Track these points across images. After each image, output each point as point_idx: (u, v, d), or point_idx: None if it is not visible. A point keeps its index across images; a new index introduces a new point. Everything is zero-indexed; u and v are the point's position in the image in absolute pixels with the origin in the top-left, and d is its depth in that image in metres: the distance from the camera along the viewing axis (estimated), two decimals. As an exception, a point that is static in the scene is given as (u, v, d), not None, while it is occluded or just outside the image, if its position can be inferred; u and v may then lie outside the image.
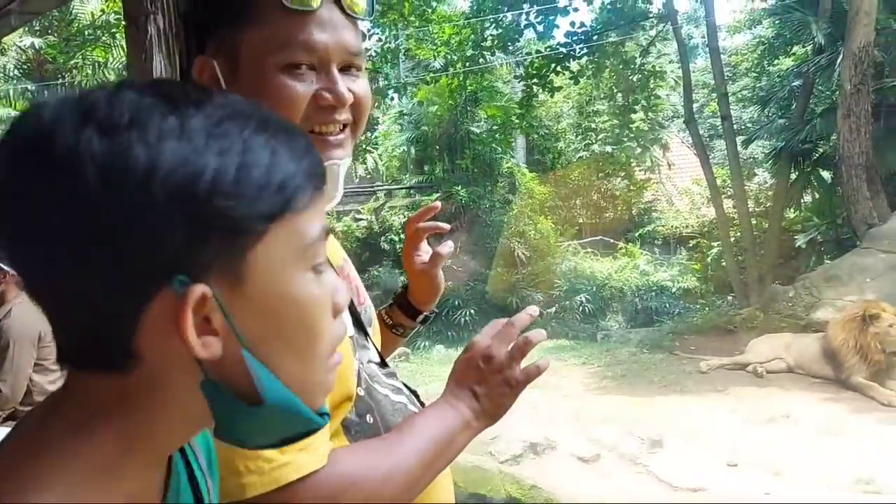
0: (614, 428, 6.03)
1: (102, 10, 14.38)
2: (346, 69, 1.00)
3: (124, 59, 14.61)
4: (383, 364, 1.18)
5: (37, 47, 14.73)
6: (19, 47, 14.57)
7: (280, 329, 0.56)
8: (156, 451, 0.59)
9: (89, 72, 14.91)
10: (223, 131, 0.52)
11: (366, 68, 1.08)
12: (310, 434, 0.62)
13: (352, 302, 1.13)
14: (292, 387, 0.57)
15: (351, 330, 1.08)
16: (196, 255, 0.51)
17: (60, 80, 15.65)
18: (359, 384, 1.05)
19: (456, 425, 1.01)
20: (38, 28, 14.50)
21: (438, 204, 1.44)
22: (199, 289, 0.51)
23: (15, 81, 14.92)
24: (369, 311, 1.24)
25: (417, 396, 1.23)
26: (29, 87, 15.29)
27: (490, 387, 1.03)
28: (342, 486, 0.90)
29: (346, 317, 1.07)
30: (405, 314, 1.42)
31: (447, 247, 1.33)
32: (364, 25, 1.01)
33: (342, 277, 1.11)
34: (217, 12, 0.98)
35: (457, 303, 14.38)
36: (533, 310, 1.10)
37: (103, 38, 14.73)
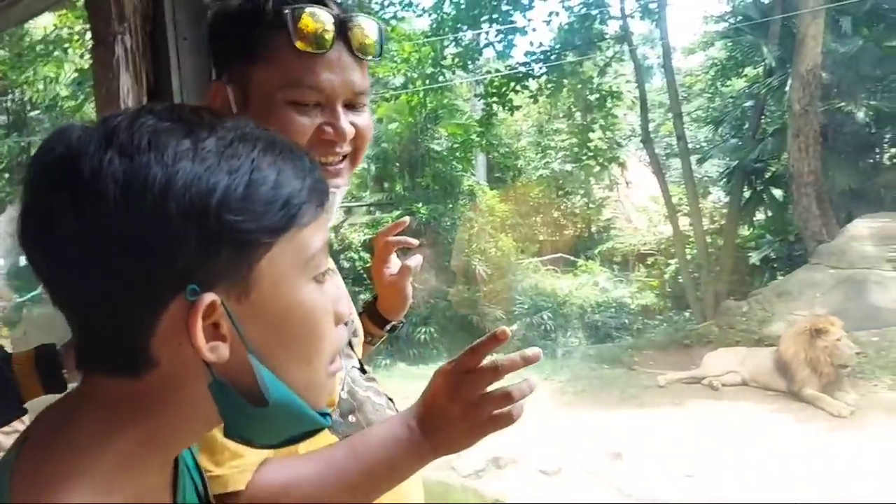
0: (576, 441, 6.08)
1: (55, 26, 14.11)
2: (350, 105, 1.05)
3: (76, 74, 14.38)
4: (363, 370, 1.23)
5: (-14, 61, 14.38)
6: (-31, 62, 14.22)
7: (285, 335, 0.60)
8: (170, 450, 0.63)
9: (41, 87, 14.60)
10: (233, 152, 0.56)
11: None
12: (314, 434, 0.66)
13: None
14: (296, 389, 0.61)
15: None
16: (207, 266, 0.55)
17: (10, 96, 15.29)
18: (342, 387, 1.11)
19: (405, 452, 0.93)
20: (-22, 43, 14.18)
21: (408, 219, 1.50)
22: (209, 297, 0.55)
23: (-37, 96, 14.53)
24: (355, 323, 1.29)
25: (392, 401, 1.28)
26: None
27: (455, 423, 0.91)
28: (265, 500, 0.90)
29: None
30: (374, 323, 1.48)
31: (415, 260, 1.39)
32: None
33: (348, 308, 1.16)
34: (233, 44, 1.02)
35: (417, 320, 14.36)
36: (534, 352, 0.92)
37: (55, 53, 14.45)
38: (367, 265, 15.07)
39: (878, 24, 12.65)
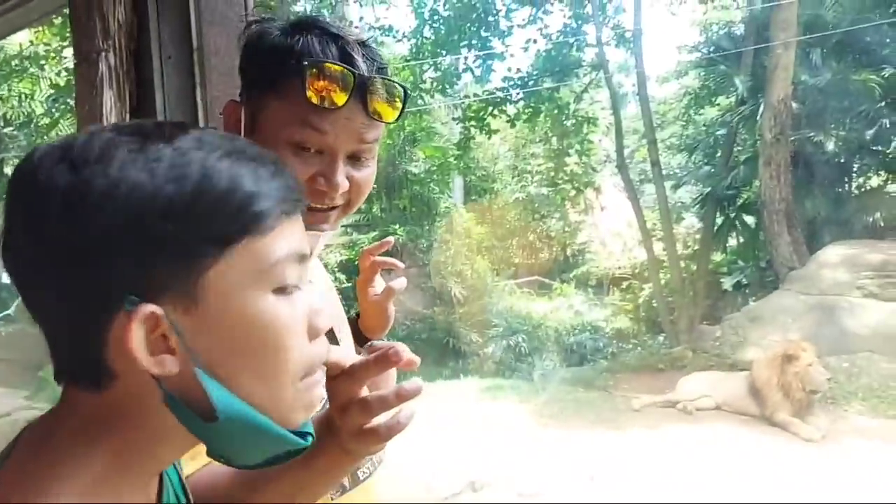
0: (553, 464, 6.07)
1: (31, 42, 13.99)
2: (354, 157, 1.04)
3: (51, 91, 14.23)
4: None
5: (-39, 77, 14.20)
6: (-59, 77, 14.03)
7: (238, 349, 0.57)
8: (148, 464, 0.61)
9: (15, 103, 14.44)
10: (185, 161, 0.54)
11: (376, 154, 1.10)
12: (297, 454, 0.63)
13: (331, 330, 1.17)
14: (259, 406, 0.58)
15: None
16: (149, 276, 0.53)
17: (-15, 111, 15.08)
18: (323, 406, 1.09)
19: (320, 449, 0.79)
20: (-42, 57, 14.01)
21: (392, 239, 1.51)
22: (148, 308, 0.53)
23: (-64, 111, 14.32)
24: (346, 340, 1.29)
25: None
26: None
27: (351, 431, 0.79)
28: None
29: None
30: (356, 342, 1.47)
31: (400, 283, 1.39)
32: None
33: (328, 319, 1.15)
34: (256, 71, 1.04)
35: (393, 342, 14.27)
36: (412, 386, 0.77)
37: (31, 69, 14.31)
38: (343, 286, 15.02)
39: (846, 57, 12.99)
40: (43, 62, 14.26)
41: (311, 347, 0.62)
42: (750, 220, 14.68)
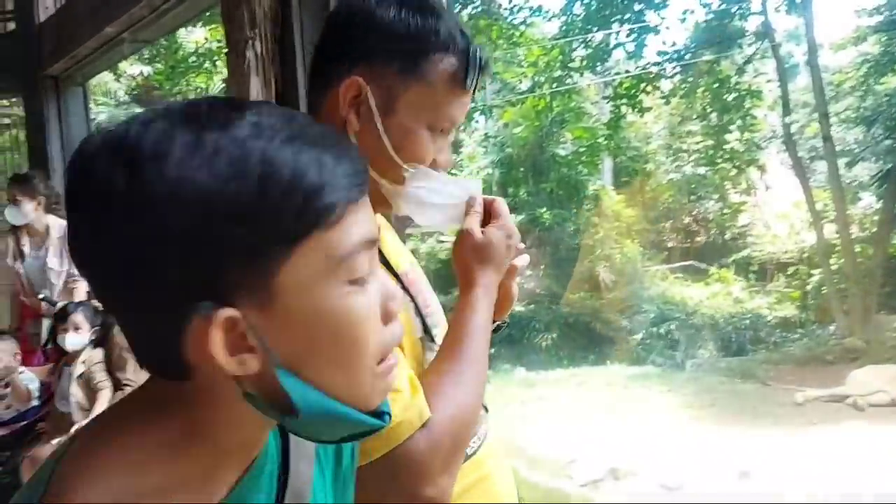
0: (700, 457, 5.81)
1: (206, 39, 15.19)
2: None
3: (223, 84, 15.40)
4: None
5: (145, 74, 15.67)
6: (130, 75, 15.54)
7: (316, 343, 0.56)
8: (217, 444, 0.61)
9: (192, 97, 15.75)
10: (245, 153, 0.52)
11: None
12: (372, 433, 0.64)
13: (418, 306, 1.17)
14: (339, 395, 0.58)
15: (419, 332, 1.12)
16: (222, 279, 0.52)
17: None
18: None
19: (476, 298, 1.09)
20: (147, 56, 15.42)
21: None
22: (226, 312, 0.52)
23: (125, 107, 15.92)
24: (435, 315, 1.27)
25: (485, 407, 1.25)
26: (139, 111, 16.31)
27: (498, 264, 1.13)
28: (447, 421, 0.96)
29: (415, 319, 1.12)
30: None
31: (523, 259, 1.36)
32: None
33: (407, 284, 1.15)
34: (390, 51, 1.01)
35: (538, 326, 14.24)
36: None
37: (206, 64, 15.53)
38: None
39: None
40: (216, 58, 15.44)
41: (386, 331, 0.61)
42: (938, 199, 13.28)
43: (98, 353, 3.58)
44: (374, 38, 1.02)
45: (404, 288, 1.17)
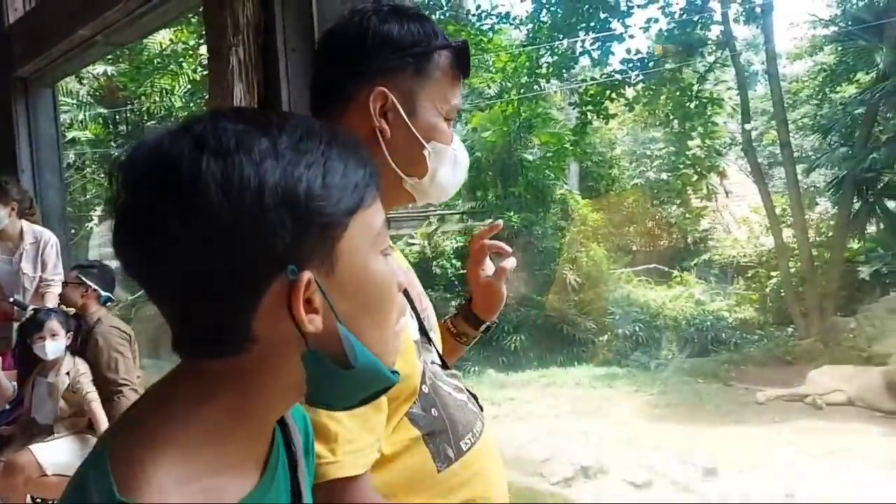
0: (667, 455, 5.94)
1: (171, 41, 15.01)
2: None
3: (189, 86, 15.21)
4: (444, 366, 1.28)
5: (109, 74, 15.40)
6: (93, 75, 15.27)
7: (363, 303, 0.67)
8: (261, 420, 0.70)
9: (157, 98, 15.54)
10: (305, 148, 0.63)
11: None
12: (385, 392, 0.73)
13: (415, 308, 1.24)
14: (373, 350, 0.68)
15: (416, 335, 1.20)
16: (300, 248, 0.61)
17: (130, 106, 16.32)
18: (423, 382, 1.16)
19: None
20: (110, 57, 15.20)
21: (500, 223, 1.61)
22: (306, 275, 0.62)
23: (88, 107, 15.64)
24: (431, 318, 1.34)
25: (476, 399, 1.32)
26: (102, 111, 16.02)
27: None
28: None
29: (412, 322, 1.19)
30: (469, 324, 1.53)
31: (510, 262, 1.45)
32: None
33: (406, 284, 1.23)
34: (403, 59, 1.14)
35: (507, 328, 14.33)
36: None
37: (171, 66, 15.35)
38: (460, 272, 15.20)
39: None
40: (181, 59, 15.28)
41: (400, 297, 0.74)
42: (891, 204, 13.69)
43: (81, 363, 3.53)
44: (388, 51, 1.13)
45: (403, 290, 1.24)
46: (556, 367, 11.84)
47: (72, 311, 3.69)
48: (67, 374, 3.42)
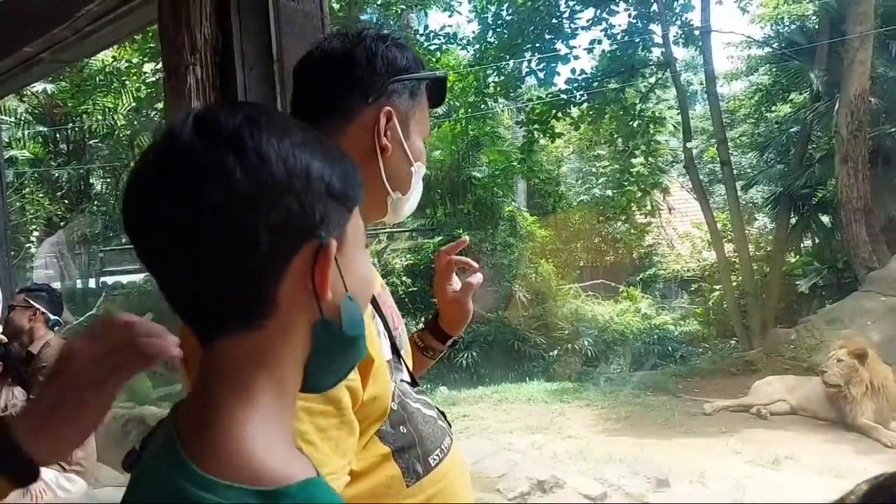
0: (620, 467, 6.03)
1: (114, 58, 14.68)
2: None
3: (133, 104, 14.88)
4: (414, 383, 1.30)
5: (49, 92, 14.96)
6: (32, 92, 14.80)
7: (356, 281, 0.74)
8: (291, 394, 0.72)
9: (100, 116, 15.17)
10: (316, 143, 0.70)
11: None
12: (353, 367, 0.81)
13: (388, 328, 1.26)
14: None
15: (388, 354, 1.21)
16: (328, 220, 0.68)
17: (71, 125, 15.87)
18: (393, 399, 1.18)
19: None
20: (51, 74, 14.79)
21: (466, 239, 1.64)
22: (334, 243, 0.68)
23: (27, 125, 15.14)
24: (403, 337, 1.36)
25: (444, 415, 1.34)
26: (42, 129, 15.54)
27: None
28: None
29: (385, 341, 1.21)
30: (435, 338, 1.56)
31: (477, 278, 1.49)
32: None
33: (381, 303, 1.25)
34: (403, 83, 1.23)
35: (458, 345, 14.25)
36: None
37: (114, 84, 15.02)
38: (410, 290, 15.18)
39: (928, 48, 12.43)
40: (125, 78, 14.95)
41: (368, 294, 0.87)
42: (826, 219, 14.21)
43: (20, 392, 3.39)
44: (389, 76, 1.21)
45: (378, 309, 1.26)
46: (509, 384, 11.89)
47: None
48: (4, 409, 3.28)
